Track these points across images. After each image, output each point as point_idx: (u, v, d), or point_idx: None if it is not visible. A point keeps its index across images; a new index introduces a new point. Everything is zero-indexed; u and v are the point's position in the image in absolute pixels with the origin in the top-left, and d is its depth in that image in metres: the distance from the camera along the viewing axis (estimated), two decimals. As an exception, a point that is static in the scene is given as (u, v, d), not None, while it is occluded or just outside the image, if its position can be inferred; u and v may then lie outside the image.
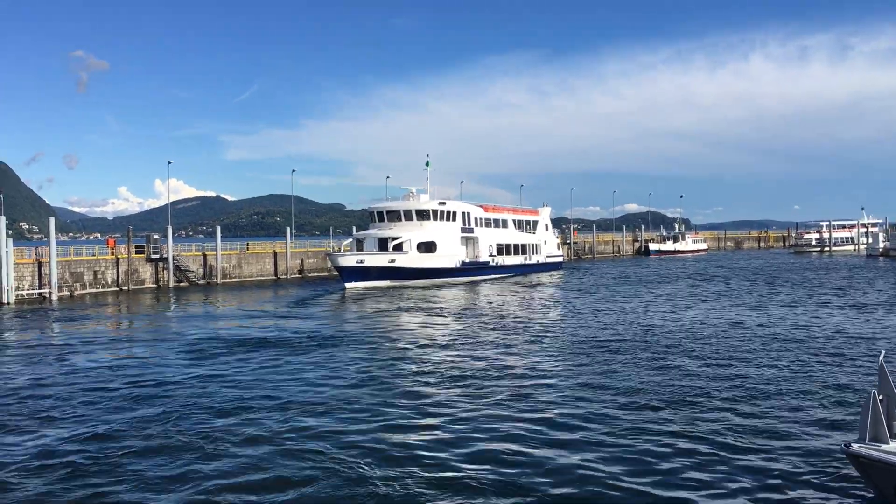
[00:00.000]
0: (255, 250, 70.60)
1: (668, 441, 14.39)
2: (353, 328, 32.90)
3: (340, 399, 18.40)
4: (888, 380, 10.42)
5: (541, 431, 15.26)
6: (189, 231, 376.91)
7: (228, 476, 12.87)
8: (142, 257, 59.32)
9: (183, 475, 12.93)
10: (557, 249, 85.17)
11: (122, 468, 13.36)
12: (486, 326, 32.49)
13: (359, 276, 56.62)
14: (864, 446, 9.81)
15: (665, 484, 12.20)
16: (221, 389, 19.79)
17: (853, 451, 9.82)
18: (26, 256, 52.12)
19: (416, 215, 63.30)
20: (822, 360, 22.80)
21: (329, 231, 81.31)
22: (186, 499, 11.90)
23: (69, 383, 21.08)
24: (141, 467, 13.38)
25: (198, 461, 13.66)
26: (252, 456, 13.92)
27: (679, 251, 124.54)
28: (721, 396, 18.03)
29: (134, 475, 12.97)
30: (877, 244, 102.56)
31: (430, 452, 14.01)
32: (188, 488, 12.32)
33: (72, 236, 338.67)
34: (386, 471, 12.96)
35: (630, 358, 23.53)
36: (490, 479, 12.50)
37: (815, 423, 15.59)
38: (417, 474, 12.82)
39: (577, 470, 12.90)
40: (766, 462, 13.10)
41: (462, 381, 20.44)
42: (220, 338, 30.05)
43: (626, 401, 17.71)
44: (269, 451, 14.24)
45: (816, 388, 18.70)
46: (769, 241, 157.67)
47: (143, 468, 13.32)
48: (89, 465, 13.52)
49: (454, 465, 13.30)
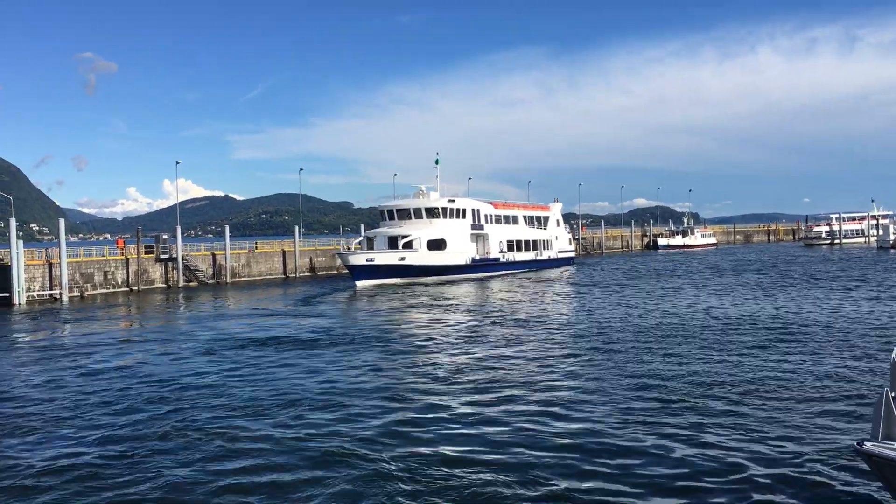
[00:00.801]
0: (263, 249, 70.81)
1: (678, 433, 14.39)
2: (365, 325, 32.96)
3: (354, 396, 18.44)
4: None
5: (554, 424, 15.28)
6: (198, 231, 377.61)
7: (247, 474, 12.93)
8: (151, 257, 59.58)
9: (202, 474, 13.01)
10: (569, 244, 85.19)
11: (141, 469, 13.44)
12: (497, 322, 32.48)
13: (369, 274, 56.96)
14: (878, 445, 9.72)
15: (674, 476, 12.21)
16: (237, 388, 19.88)
17: (866, 449, 9.74)
18: (37, 258, 52.49)
19: (426, 213, 63.77)
20: (835, 355, 22.70)
21: (338, 229, 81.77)
22: (206, 499, 11.96)
23: (82, 385, 21.23)
24: (159, 467, 13.46)
25: (215, 460, 13.75)
26: (269, 453, 13.99)
27: (688, 245, 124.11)
28: (734, 390, 18.00)
29: (153, 475, 13.04)
30: (887, 236, 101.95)
31: (449, 446, 14.05)
32: (208, 487, 12.39)
33: (82, 237, 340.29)
34: (403, 468, 12.99)
35: (642, 350, 23.47)
36: (505, 474, 12.51)
37: (828, 419, 15.54)
38: (437, 469, 12.84)
39: (584, 464, 12.91)
40: (776, 458, 13.08)
41: (476, 376, 20.46)
42: (233, 337, 30.17)
43: (638, 393, 17.71)
44: (286, 448, 14.30)
45: (829, 384, 18.63)
46: (779, 234, 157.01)
47: (162, 468, 13.41)
48: (108, 467, 13.61)
49: (472, 459, 13.30)
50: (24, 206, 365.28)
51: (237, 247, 69.00)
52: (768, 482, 12.02)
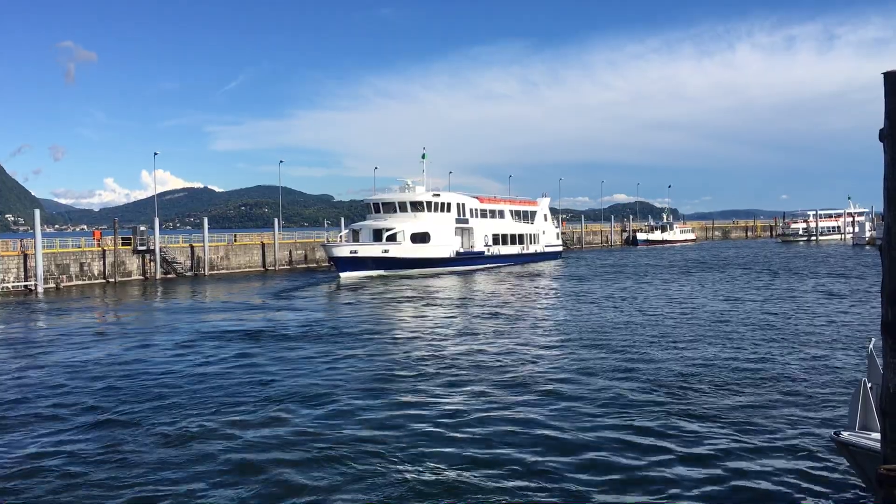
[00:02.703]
0: (242, 242, 70.30)
1: (659, 427, 14.43)
2: (349, 318, 32.79)
3: (338, 390, 18.31)
4: (878, 367, 10.43)
5: (544, 421, 15.27)
6: (176, 223, 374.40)
7: (229, 471, 12.76)
8: (128, 249, 58.87)
9: (178, 471, 12.83)
10: (557, 239, 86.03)
11: (116, 466, 13.22)
12: (479, 314, 32.46)
13: (353, 266, 57.80)
14: (854, 435, 9.81)
15: (654, 468, 12.23)
16: (214, 382, 19.66)
17: (842, 439, 9.83)
18: (11, 248, 51.63)
19: (411, 207, 64.91)
20: (813, 346, 22.92)
21: (318, 222, 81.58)
22: (184, 497, 11.81)
23: (55, 378, 20.88)
24: (135, 464, 13.26)
25: (192, 456, 13.57)
26: (253, 449, 13.84)
27: (667, 241, 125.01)
28: (712, 383, 18.09)
29: (128, 472, 12.84)
30: (863, 233, 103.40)
31: (439, 443, 13.97)
32: (182, 485, 12.22)
33: (58, 228, 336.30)
34: (394, 463, 12.90)
35: (623, 345, 23.56)
36: (496, 469, 12.49)
37: (805, 410, 15.66)
38: (427, 466, 12.78)
39: (566, 458, 12.91)
40: (753, 447, 13.16)
41: (452, 368, 20.41)
42: (210, 330, 29.87)
43: (616, 389, 17.73)
44: (270, 444, 14.14)
45: (806, 376, 18.80)
46: (756, 230, 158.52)
47: (137, 465, 13.21)
48: (84, 464, 13.38)
49: (461, 455, 13.25)
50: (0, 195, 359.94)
51: (216, 239, 68.46)
52: (745, 471, 12.09)
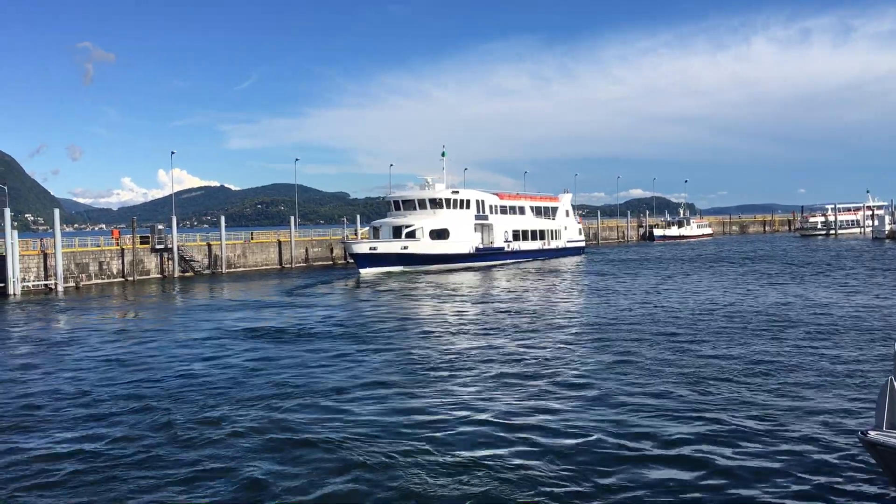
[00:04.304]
0: (259, 240, 70.63)
1: (684, 424, 14.33)
2: (371, 313, 32.92)
3: (362, 388, 18.32)
4: (905, 366, 10.26)
5: (566, 416, 15.21)
6: (193, 221, 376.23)
7: (252, 467, 12.81)
8: (146, 248, 59.33)
9: (201, 469, 12.89)
10: (579, 235, 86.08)
11: (139, 463, 13.31)
12: (499, 309, 32.38)
13: (372, 262, 58.75)
14: (882, 433, 9.66)
15: (680, 465, 12.13)
16: (235, 380, 19.75)
17: (870, 438, 9.68)
18: (32, 248, 52.25)
19: (430, 203, 65.84)
20: (840, 343, 22.65)
21: (334, 220, 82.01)
22: (202, 495, 11.86)
23: (77, 376, 21.07)
24: (159, 460, 13.33)
25: (212, 453, 13.63)
26: (276, 447, 13.87)
27: (684, 236, 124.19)
28: (737, 380, 17.94)
29: (152, 468, 12.92)
30: (883, 227, 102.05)
31: (462, 441, 13.95)
32: (207, 482, 12.27)
33: (77, 227, 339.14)
34: (413, 462, 12.88)
35: (646, 340, 23.41)
36: (517, 466, 12.44)
37: (832, 408, 15.47)
38: (449, 462, 12.74)
39: (591, 450, 12.85)
40: (780, 447, 13.01)
41: (472, 363, 20.37)
42: (231, 328, 29.99)
43: (644, 382, 17.62)
44: (292, 442, 14.15)
45: (834, 373, 18.58)
46: (774, 225, 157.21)
47: (161, 461, 13.28)
48: (107, 462, 13.47)
49: (483, 452, 13.21)
50: (19, 196, 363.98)
51: (233, 237, 68.89)
52: (772, 469, 11.96)
